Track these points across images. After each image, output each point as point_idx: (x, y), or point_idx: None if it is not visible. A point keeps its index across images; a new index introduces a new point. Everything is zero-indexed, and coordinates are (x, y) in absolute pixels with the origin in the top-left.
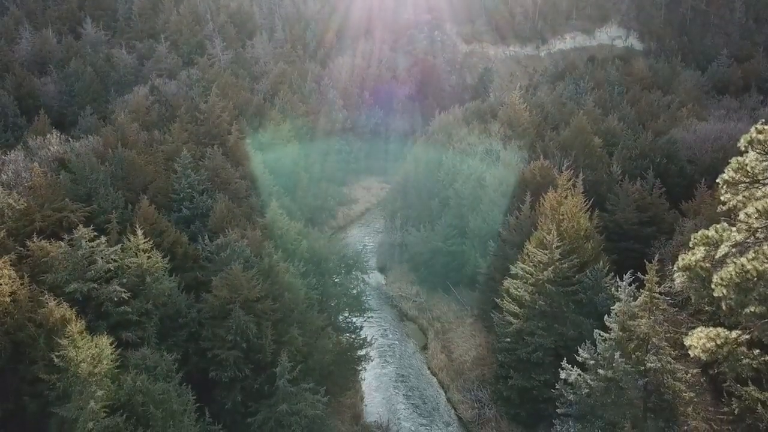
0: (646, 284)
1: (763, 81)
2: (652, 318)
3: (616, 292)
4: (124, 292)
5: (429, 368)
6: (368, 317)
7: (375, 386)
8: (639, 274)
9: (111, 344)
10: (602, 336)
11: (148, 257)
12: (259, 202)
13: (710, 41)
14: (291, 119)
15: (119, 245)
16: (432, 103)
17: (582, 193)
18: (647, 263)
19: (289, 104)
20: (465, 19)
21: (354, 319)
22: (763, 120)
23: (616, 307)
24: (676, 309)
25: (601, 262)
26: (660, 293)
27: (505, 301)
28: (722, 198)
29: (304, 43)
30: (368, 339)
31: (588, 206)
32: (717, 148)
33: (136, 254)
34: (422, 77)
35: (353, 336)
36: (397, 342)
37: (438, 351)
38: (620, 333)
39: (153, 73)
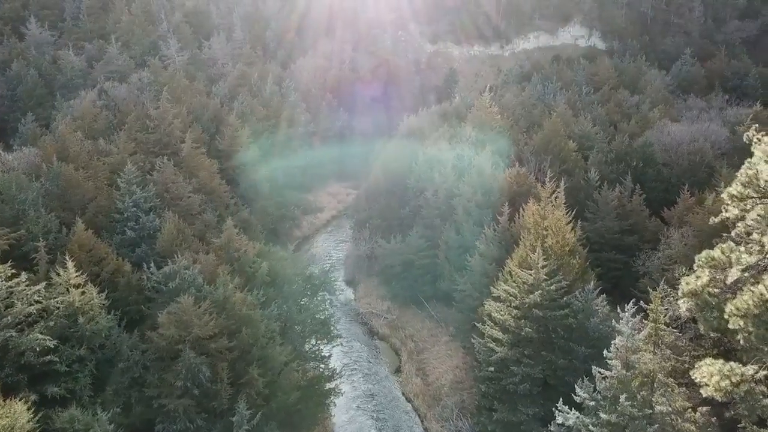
0: (650, 314)
1: (726, 80)
2: (659, 352)
3: (617, 325)
4: (50, 339)
5: (403, 393)
6: (336, 344)
7: (345, 416)
8: (624, 288)
9: (30, 407)
10: (602, 373)
11: (82, 293)
12: (214, 217)
13: (671, 40)
14: (251, 124)
15: (43, 283)
16: (397, 104)
17: (563, 203)
18: (651, 291)
19: (249, 108)
20: (429, 19)
21: (322, 347)
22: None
23: (618, 341)
24: (678, 333)
25: (592, 283)
26: (666, 324)
27: (486, 326)
28: (728, 214)
29: (264, 43)
30: (338, 370)
31: (571, 218)
32: (694, 150)
33: (67, 290)
34: (387, 78)
35: (321, 366)
36: (367, 364)
37: (412, 374)
38: (623, 371)
39: (102, 76)
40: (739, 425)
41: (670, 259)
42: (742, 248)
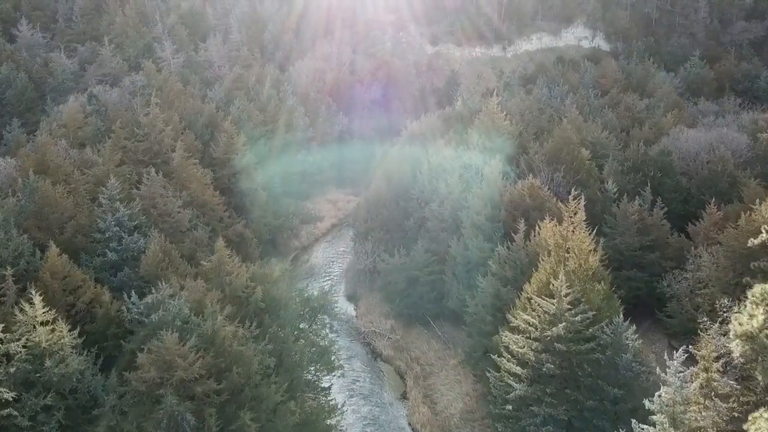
0: (700, 361)
1: (736, 82)
2: (712, 406)
3: (663, 375)
4: (7, 392)
5: (410, 423)
6: (338, 375)
7: None
8: (646, 309)
9: None
10: (644, 430)
11: (51, 330)
12: (206, 233)
13: (677, 42)
14: (247, 130)
15: (1, 326)
16: (398, 107)
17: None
18: (702, 334)
19: (245, 113)
20: (429, 20)
21: (322, 377)
22: None
23: (664, 393)
24: (734, 384)
25: (620, 315)
26: (718, 371)
27: (503, 359)
28: None
29: (262, 45)
30: (340, 404)
31: (593, 238)
32: (715, 159)
33: (34, 327)
34: (388, 81)
35: (323, 400)
36: (370, 389)
37: (419, 401)
38: (672, 430)
39: (93, 79)
40: None
41: (699, 281)
42: None
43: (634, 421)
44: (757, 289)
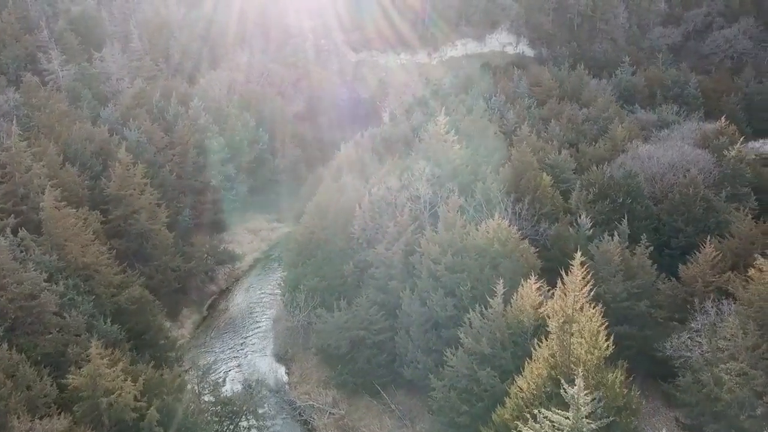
0: None
1: (666, 89)
2: None
3: None
4: None
5: None
6: None
7: None
8: (642, 376)
9: None
10: None
11: None
12: (86, 312)
13: (599, 47)
14: (148, 156)
15: None
16: (325, 120)
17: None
18: None
19: (147, 136)
20: (352, 26)
21: None
22: None
23: None
24: None
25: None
26: None
27: None
28: None
29: (167, 54)
30: None
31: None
32: (686, 182)
33: None
34: (311, 92)
35: None
36: None
37: None
38: None
39: None
40: None
41: (720, 350)
42: None
43: None
44: None
